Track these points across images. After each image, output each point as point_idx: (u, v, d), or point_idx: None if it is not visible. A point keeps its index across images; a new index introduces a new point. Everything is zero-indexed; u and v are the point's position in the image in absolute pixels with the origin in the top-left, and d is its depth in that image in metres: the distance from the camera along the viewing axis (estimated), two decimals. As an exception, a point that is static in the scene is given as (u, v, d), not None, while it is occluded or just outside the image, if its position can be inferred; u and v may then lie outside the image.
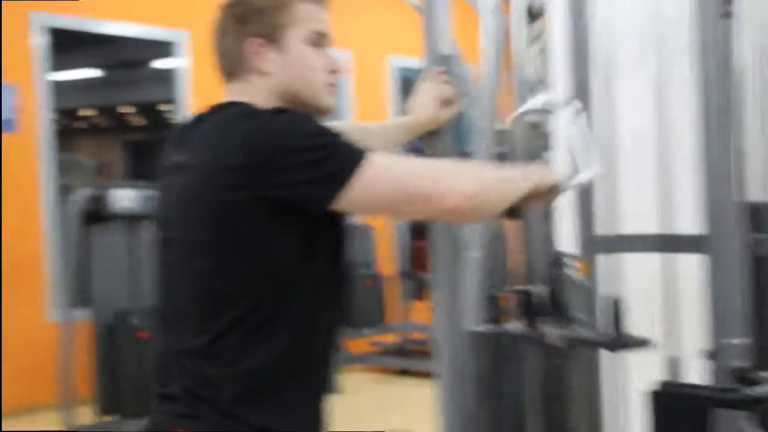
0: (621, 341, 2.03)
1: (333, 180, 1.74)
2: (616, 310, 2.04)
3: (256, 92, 1.92)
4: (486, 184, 1.86)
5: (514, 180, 1.95)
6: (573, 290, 2.07)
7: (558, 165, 2.07)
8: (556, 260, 2.07)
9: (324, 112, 1.98)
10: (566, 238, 2.49)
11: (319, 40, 1.96)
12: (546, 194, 2.02)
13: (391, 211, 1.89)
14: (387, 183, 1.78)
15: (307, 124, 1.79)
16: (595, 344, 2.21)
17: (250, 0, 1.94)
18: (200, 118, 1.93)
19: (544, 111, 2.19)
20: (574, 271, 2.08)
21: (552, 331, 2.12)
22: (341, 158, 1.76)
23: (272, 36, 1.92)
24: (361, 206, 1.82)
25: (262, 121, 1.79)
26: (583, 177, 2.01)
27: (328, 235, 1.88)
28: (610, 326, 2.04)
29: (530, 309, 2.18)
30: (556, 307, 2.08)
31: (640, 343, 2.03)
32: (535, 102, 2.18)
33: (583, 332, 2.10)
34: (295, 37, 1.93)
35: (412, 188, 1.79)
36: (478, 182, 1.84)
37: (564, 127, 2.04)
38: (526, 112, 2.20)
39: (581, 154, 2.02)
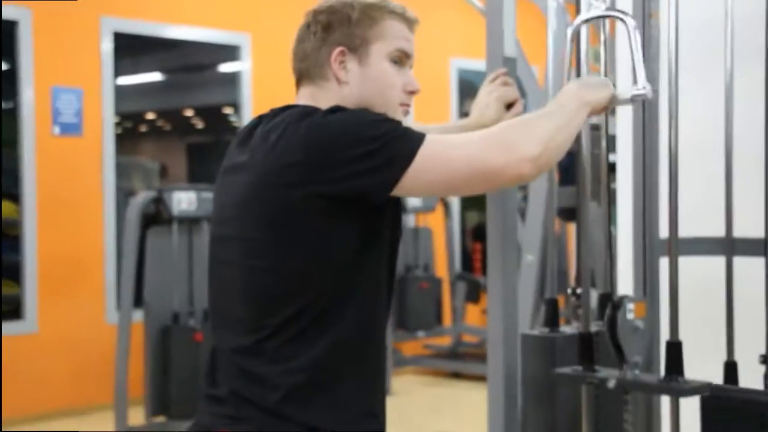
0: (681, 387, 2.00)
1: (392, 165, 1.75)
2: (675, 354, 2.02)
3: (329, 99, 1.92)
4: (546, 140, 1.80)
5: (570, 119, 1.89)
6: (631, 333, 2.05)
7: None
8: (615, 303, 2.05)
9: None
10: (627, 241, 2.46)
11: (401, 58, 1.96)
12: (605, 108, 2.00)
13: (455, 190, 1.88)
14: (447, 162, 1.77)
15: (363, 117, 1.81)
16: (654, 390, 2.18)
17: (340, 9, 1.94)
18: (261, 120, 1.94)
19: (604, 18, 2.17)
20: (631, 313, 2.06)
21: (610, 375, 2.10)
22: (399, 143, 1.76)
23: (356, 47, 1.92)
24: (423, 188, 1.82)
25: (320, 119, 1.80)
26: (640, 89, 1.97)
27: (384, 230, 1.88)
28: (669, 371, 2.01)
29: (589, 351, 2.16)
30: (615, 351, 2.06)
31: (700, 389, 1.99)
32: (597, 8, 2.15)
33: (642, 377, 2.08)
34: (378, 53, 1.93)
35: (474, 164, 1.77)
36: (538, 141, 1.78)
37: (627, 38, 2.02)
38: (588, 19, 2.16)
39: (639, 66, 1.98)
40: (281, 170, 1.77)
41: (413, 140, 1.77)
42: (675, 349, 2.02)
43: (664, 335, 2.10)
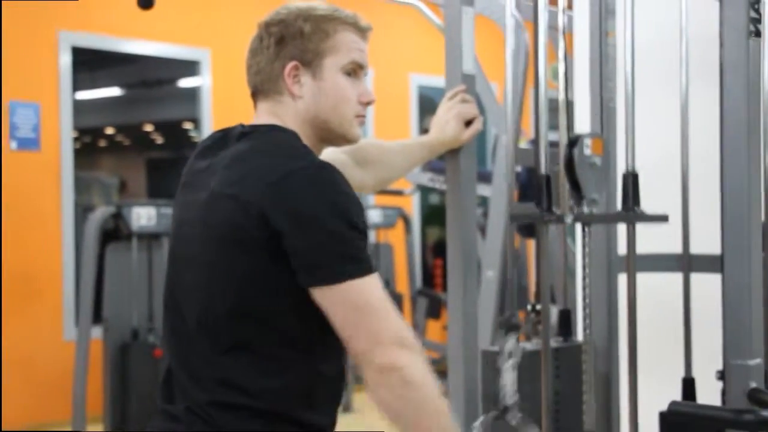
0: (637, 215, 1.99)
1: (327, 275, 1.72)
2: (632, 185, 2.01)
3: (286, 114, 1.91)
4: (428, 395, 1.74)
5: (447, 426, 1.79)
6: (588, 170, 2.03)
7: None
8: (572, 140, 2.02)
9: (350, 141, 1.98)
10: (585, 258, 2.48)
11: (355, 70, 1.95)
12: None
13: (339, 329, 1.76)
14: (359, 306, 1.73)
15: (344, 203, 1.76)
16: (612, 219, 2.16)
17: (292, 21, 1.92)
18: (226, 135, 1.93)
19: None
20: (588, 149, 2.03)
21: (568, 212, 2.07)
22: (351, 260, 1.73)
23: (310, 61, 1.91)
24: (326, 308, 1.74)
25: (302, 171, 1.76)
26: None
27: None
28: (626, 202, 2.00)
29: (548, 192, 2.11)
30: (572, 187, 2.03)
31: (656, 217, 1.99)
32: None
33: (599, 211, 2.07)
34: (332, 66, 1.92)
35: (374, 327, 1.73)
36: (424, 385, 1.73)
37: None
38: None
39: None
40: (246, 203, 1.74)
41: (360, 269, 1.73)
42: (632, 179, 2.02)
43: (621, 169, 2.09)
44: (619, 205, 2.19)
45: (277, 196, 1.73)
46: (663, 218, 2.01)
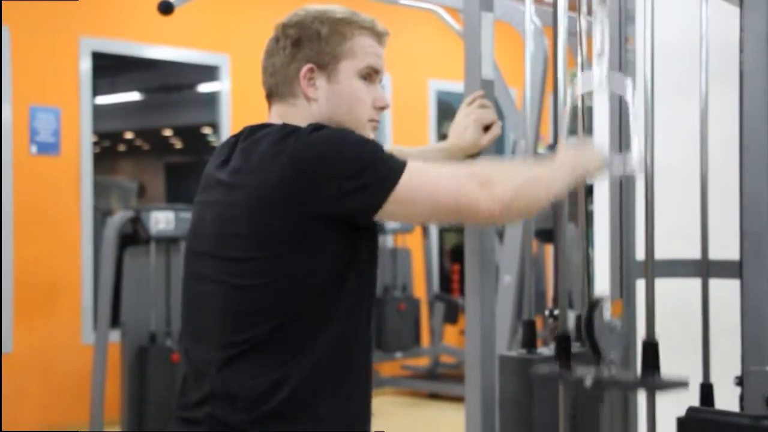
0: (656, 383, 2.02)
1: (379, 188, 1.76)
2: (652, 354, 2.03)
3: (299, 116, 1.92)
4: (522, 188, 1.83)
5: (553, 175, 1.91)
6: (607, 333, 2.07)
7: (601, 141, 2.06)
8: (592, 303, 2.06)
9: None
10: (604, 263, 2.47)
11: (371, 75, 1.96)
12: (591, 175, 2.02)
13: (430, 218, 1.97)
14: (427, 192, 1.79)
15: (349, 137, 1.82)
16: (630, 386, 2.19)
17: (309, 24, 1.93)
18: (237, 138, 1.94)
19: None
20: (608, 313, 2.07)
21: (587, 373, 2.10)
22: (385, 167, 1.78)
23: (326, 64, 1.92)
24: (403, 214, 1.86)
25: (305, 137, 1.80)
26: (633, 166, 1.98)
27: (363, 251, 1.88)
28: (645, 368, 2.03)
29: (567, 352, 2.16)
30: (592, 350, 2.07)
31: (676, 385, 2.01)
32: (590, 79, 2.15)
33: (619, 374, 2.10)
34: (348, 69, 1.93)
35: (453, 196, 1.79)
36: (513, 187, 1.81)
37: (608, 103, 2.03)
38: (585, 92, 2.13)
39: (635, 141, 1.99)
40: (268, 190, 1.77)
41: (398, 166, 1.79)
42: (651, 348, 2.04)
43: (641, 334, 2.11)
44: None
45: (294, 170, 1.76)
46: (682, 384, 2.03)
